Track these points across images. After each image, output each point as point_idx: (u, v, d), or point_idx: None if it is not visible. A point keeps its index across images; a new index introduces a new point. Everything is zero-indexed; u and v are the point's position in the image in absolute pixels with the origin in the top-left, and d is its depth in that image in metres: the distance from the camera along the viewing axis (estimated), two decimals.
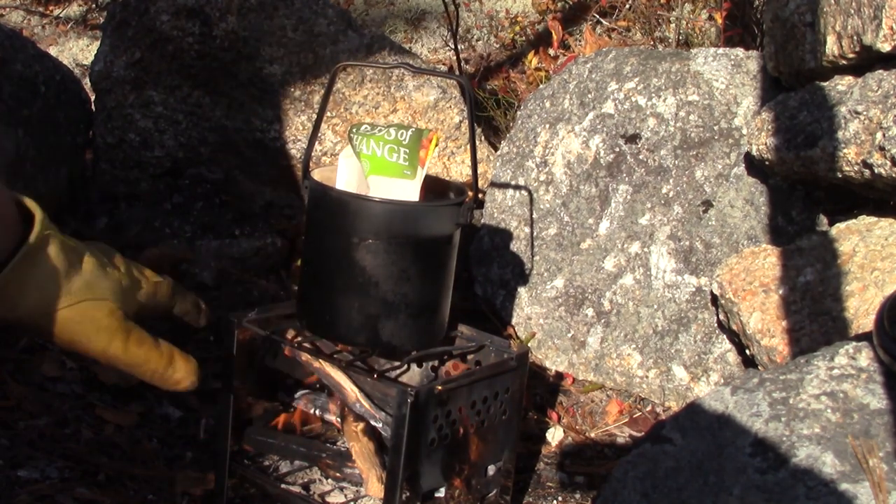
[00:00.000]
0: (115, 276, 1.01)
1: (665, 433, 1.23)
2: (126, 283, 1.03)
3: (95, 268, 0.98)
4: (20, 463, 1.42)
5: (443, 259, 1.33)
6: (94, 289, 0.97)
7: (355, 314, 1.30)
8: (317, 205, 1.33)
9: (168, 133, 2.21)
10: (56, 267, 0.92)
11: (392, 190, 1.33)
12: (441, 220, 1.31)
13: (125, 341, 1.01)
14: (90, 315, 0.97)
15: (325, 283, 1.32)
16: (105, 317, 0.98)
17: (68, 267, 0.94)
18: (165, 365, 1.05)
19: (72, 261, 0.95)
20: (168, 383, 1.07)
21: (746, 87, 2.00)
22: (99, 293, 0.97)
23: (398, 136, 1.32)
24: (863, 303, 1.54)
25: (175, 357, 1.07)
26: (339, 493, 1.43)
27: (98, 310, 0.97)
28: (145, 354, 1.03)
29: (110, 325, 0.99)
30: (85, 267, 0.97)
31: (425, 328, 1.35)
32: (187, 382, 1.08)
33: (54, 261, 0.92)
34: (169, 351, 1.06)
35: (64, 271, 0.93)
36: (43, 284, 0.92)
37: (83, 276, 0.96)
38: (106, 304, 0.98)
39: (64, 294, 0.94)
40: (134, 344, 1.02)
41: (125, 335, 1.01)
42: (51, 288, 0.93)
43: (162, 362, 1.05)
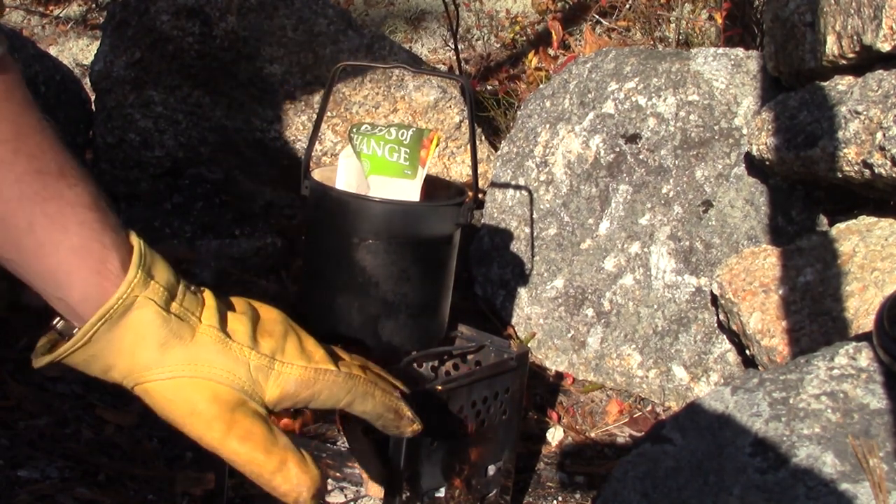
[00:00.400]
0: (243, 354, 0.84)
1: (665, 433, 1.23)
2: (258, 363, 0.85)
3: (211, 342, 0.83)
4: (20, 463, 1.42)
5: (443, 259, 1.33)
6: (198, 365, 0.82)
7: (355, 314, 1.30)
8: (317, 205, 1.33)
9: (168, 133, 2.21)
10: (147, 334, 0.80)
11: (392, 190, 1.33)
12: (441, 221, 1.31)
13: (224, 433, 0.83)
14: (185, 395, 0.82)
15: (325, 283, 1.32)
16: (203, 400, 0.83)
17: (168, 335, 0.81)
18: (273, 471, 0.85)
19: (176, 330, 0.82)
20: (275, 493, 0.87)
21: (746, 87, 2.00)
22: (204, 371, 0.82)
23: (399, 136, 1.32)
24: (863, 303, 1.54)
25: (288, 463, 0.85)
26: (339, 494, 1.43)
27: (197, 391, 0.82)
28: (248, 454, 0.84)
29: (207, 412, 0.83)
30: (197, 338, 0.83)
31: (425, 328, 1.35)
32: (297, 497, 0.86)
33: (145, 328, 0.80)
34: (282, 456, 0.85)
35: (159, 340, 0.81)
36: (132, 350, 0.81)
37: (189, 348, 0.82)
38: (209, 386, 0.83)
39: (155, 365, 0.81)
40: (236, 439, 0.83)
41: (226, 426, 0.83)
42: (140, 356, 0.81)
43: (269, 467, 0.84)
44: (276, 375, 0.86)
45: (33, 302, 1.86)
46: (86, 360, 0.81)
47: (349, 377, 0.90)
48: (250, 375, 0.85)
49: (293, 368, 0.87)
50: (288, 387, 0.87)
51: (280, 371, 0.86)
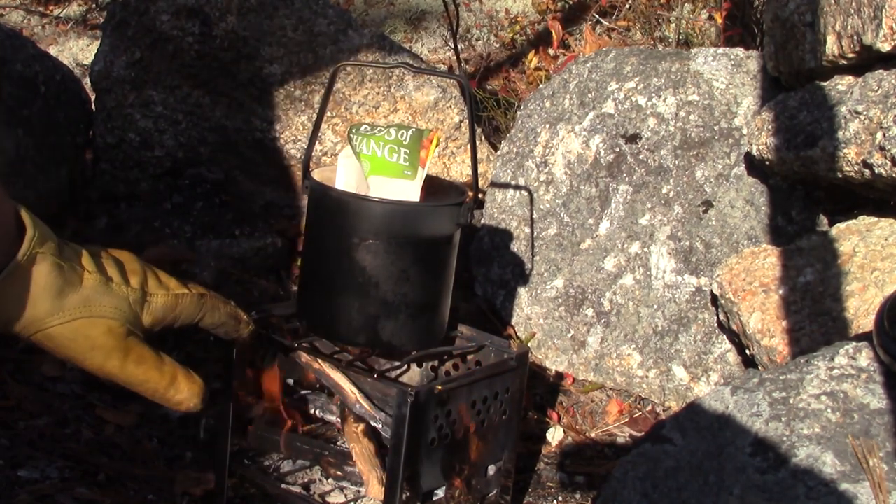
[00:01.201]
0: (122, 292, 1.00)
1: (665, 433, 1.23)
2: (135, 297, 1.01)
3: (97, 284, 0.97)
4: (20, 463, 1.42)
5: (443, 259, 1.33)
6: (91, 306, 0.96)
7: (355, 314, 1.30)
8: (317, 205, 1.33)
9: (168, 133, 2.21)
10: (47, 285, 0.93)
11: (392, 190, 1.33)
12: (441, 221, 1.31)
13: (122, 360, 0.99)
14: (84, 333, 0.96)
15: (325, 283, 1.32)
16: (101, 335, 0.97)
17: (63, 284, 0.94)
18: (167, 385, 1.03)
19: (68, 279, 0.95)
20: (170, 404, 1.05)
21: (746, 87, 2.00)
22: (97, 311, 0.97)
23: (398, 137, 1.32)
24: (863, 303, 1.54)
25: (178, 377, 1.04)
26: (339, 493, 1.43)
27: (93, 328, 0.97)
28: (144, 374, 1.01)
29: (105, 344, 0.98)
30: (85, 284, 0.96)
31: (425, 328, 1.35)
32: (189, 404, 1.06)
33: (45, 279, 0.93)
34: (172, 371, 1.04)
35: (56, 289, 0.94)
36: (33, 302, 0.93)
37: (81, 293, 0.96)
38: (103, 322, 0.97)
39: (56, 311, 0.94)
40: (132, 363, 1.00)
41: (122, 354, 0.99)
42: (41, 305, 0.93)
43: (163, 382, 1.02)
44: (147, 305, 1.02)
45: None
46: None
47: (200, 297, 1.10)
48: (131, 308, 1.00)
49: (159, 297, 1.04)
50: (157, 313, 1.04)
51: (150, 301, 1.03)
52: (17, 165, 2.00)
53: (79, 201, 2.20)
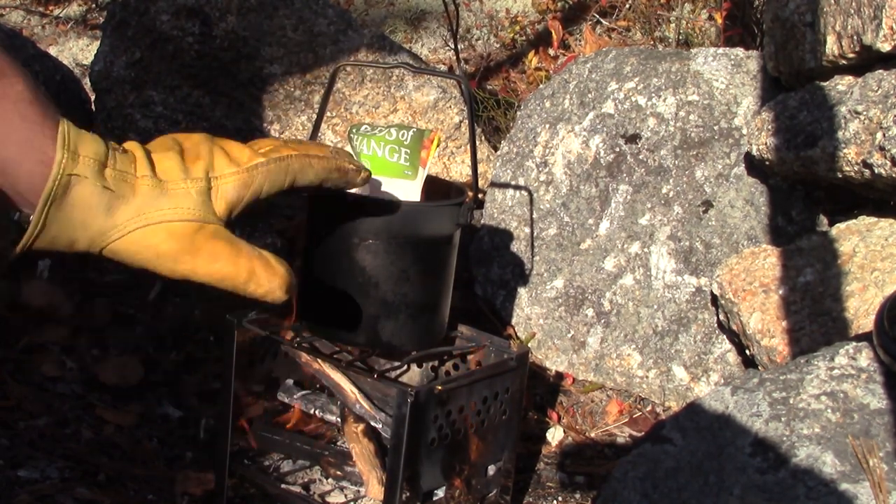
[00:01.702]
0: (180, 188, 0.93)
1: (665, 433, 1.23)
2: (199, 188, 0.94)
3: (149, 189, 0.92)
4: (20, 463, 1.42)
5: (443, 259, 1.33)
6: (146, 213, 0.91)
7: (355, 314, 1.30)
8: (316, 205, 1.33)
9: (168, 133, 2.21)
10: (90, 205, 0.89)
11: (393, 190, 1.33)
12: (441, 221, 1.31)
13: (192, 261, 0.93)
14: (145, 243, 0.91)
15: (325, 283, 1.32)
16: (163, 241, 0.92)
17: (111, 199, 0.90)
18: (245, 280, 0.96)
19: (118, 192, 0.90)
20: (254, 297, 0.98)
21: (746, 87, 2.00)
22: (153, 217, 0.91)
23: (399, 137, 1.32)
24: (863, 303, 1.54)
25: (256, 270, 0.96)
26: (339, 493, 1.43)
27: (153, 236, 0.91)
28: (219, 272, 0.94)
29: (170, 249, 0.92)
30: (138, 191, 0.91)
31: (425, 328, 1.35)
32: (273, 296, 0.98)
33: (86, 200, 0.89)
34: (249, 264, 0.96)
35: (104, 206, 0.89)
36: (84, 223, 0.89)
37: (133, 203, 0.91)
38: (162, 228, 0.91)
39: (110, 228, 0.90)
40: (204, 262, 0.94)
41: (191, 255, 0.93)
42: (93, 225, 0.89)
43: (241, 278, 0.95)
44: (215, 191, 0.95)
45: (33, 302, 1.86)
46: (50, 241, 0.89)
47: (280, 160, 0.99)
48: (195, 201, 0.93)
49: (228, 178, 0.96)
50: (230, 195, 0.96)
51: (218, 186, 0.96)
52: None
53: None
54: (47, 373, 1.68)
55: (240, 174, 0.97)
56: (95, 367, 1.74)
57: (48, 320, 1.83)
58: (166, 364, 1.80)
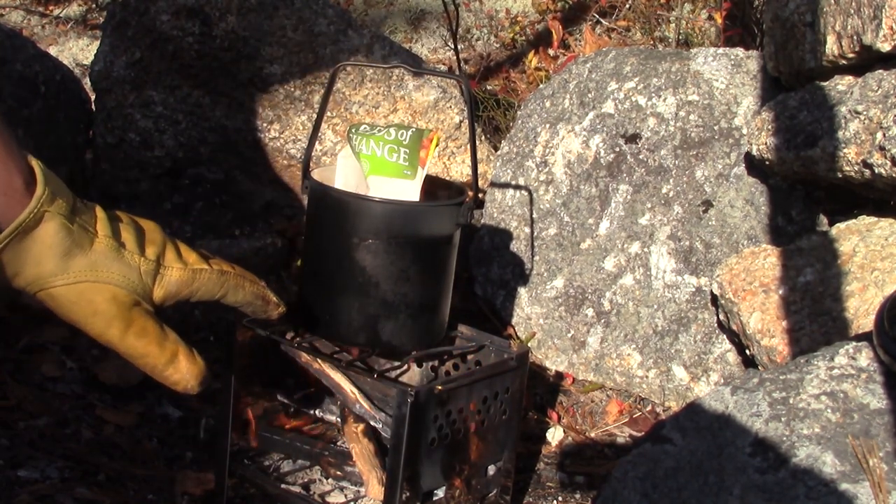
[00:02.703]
0: (134, 261, 0.98)
1: (665, 433, 1.23)
2: (147, 268, 0.99)
3: (107, 249, 0.96)
4: (20, 463, 1.42)
5: (443, 259, 1.33)
6: (98, 270, 0.95)
7: (355, 314, 1.30)
8: (317, 205, 1.33)
9: (168, 133, 2.21)
10: (53, 244, 0.92)
11: (392, 190, 1.33)
12: (441, 221, 1.31)
13: (123, 330, 0.96)
14: (87, 297, 0.95)
15: (325, 283, 1.32)
16: (104, 301, 0.95)
17: (71, 245, 0.93)
18: (165, 363, 0.99)
19: (78, 240, 0.94)
20: (167, 382, 1.01)
21: (746, 87, 2.00)
22: (103, 276, 0.95)
23: (398, 137, 1.32)
24: (863, 303, 1.54)
25: (179, 356, 1.00)
26: (339, 493, 1.43)
27: (97, 293, 0.95)
28: (144, 348, 0.98)
29: (108, 311, 0.95)
30: (95, 247, 0.95)
31: (425, 328, 1.35)
32: (186, 385, 1.01)
33: (51, 238, 0.92)
34: (173, 348, 1.00)
35: (63, 249, 0.92)
36: (38, 260, 0.92)
37: (89, 256, 0.94)
38: (108, 289, 0.95)
39: (61, 271, 0.93)
40: (133, 335, 0.97)
41: (124, 324, 0.96)
42: (46, 264, 0.92)
43: (161, 359, 0.99)
44: (160, 278, 1.00)
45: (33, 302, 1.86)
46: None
47: (221, 273, 1.06)
48: (141, 279, 0.98)
49: (174, 271, 1.02)
50: (171, 287, 1.01)
51: (164, 274, 1.01)
52: None
53: None
54: (47, 373, 1.68)
55: (185, 272, 1.02)
56: (95, 367, 1.73)
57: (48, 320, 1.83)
58: None
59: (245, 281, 1.10)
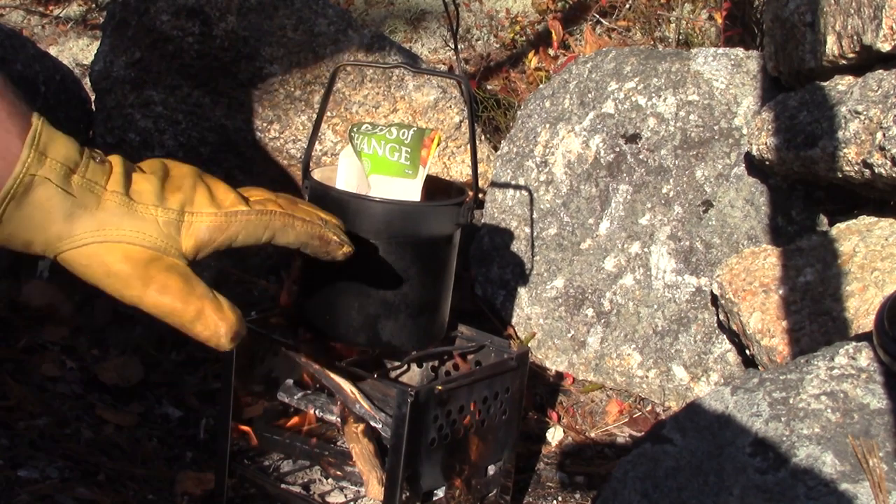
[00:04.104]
0: (149, 214, 0.90)
1: (665, 433, 1.23)
2: (167, 219, 0.91)
3: (116, 206, 0.89)
4: (20, 463, 1.42)
5: (443, 259, 1.33)
6: (106, 230, 0.88)
7: (355, 314, 1.30)
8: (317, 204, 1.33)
9: (168, 133, 2.21)
10: (50, 209, 0.86)
11: (393, 189, 1.33)
12: (441, 220, 1.31)
13: (142, 289, 0.90)
14: (99, 259, 0.89)
15: (325, 283, 1.32)
16: (116, 261, 0.89)
17: (71, 207, 0.87)
18: (192, 319, 0.92)
19: (80, 201, 0.87)
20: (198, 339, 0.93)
21: (746, 87, 2.00)
22: (113, 235, 0.89)
23: (400, 136, 1.32)
24: (863, 303, 1.54)
25: (206, 311, 0.92)
26: (339, 493, 1.43)
27: (109, 254, 0.89)
28: (167, 306, 0.91)
29: (122, 271, 0.89)
30: (103, 205, 0.89)
31: (425, 328, 1.35)
32: (217, 341, 0.93)
33: (48, 203, 0.86)
34: (199, 304, 0.91)
35: (63, 213, 0.87)
36: (43, 225, 0.87)
37: (95, 216, 0.88)
38: (119, 248, 0.89)
39: (66, 236, 0.88)
40: (154, 292, 0.90)
41: (141, 282, 0.90)
42: (51, 229, 0.87)
43: (188, 316, 0.91)
44: (186, 226, 0.92)
45: (33, 302, 1.86)
46: (6, 238, 0.87)
47: (262, 213, 0.97)
48: (161, 231, 0.90)
49: (203, 217, 0.93)
50: (202, 235, 0.93)
51: (191, 222, 0.92)
52: None
53: None
54: (47, 373, 1.68)
55: (217, 217, 0.94)
56: (95, 367, 1.74)
57: (48, 320, 1.83)
58: (166, 364, 1.80)
59: (294, 220, 1.00)
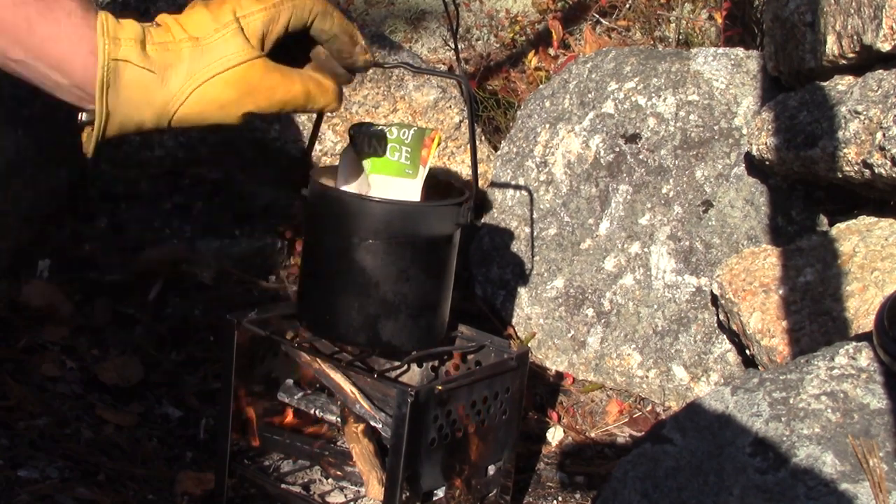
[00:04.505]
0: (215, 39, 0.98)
1: (665, 433, 1.23)
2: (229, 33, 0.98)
3: (191, 51, 0.97)
4: (20, 463, 1.42)
5: (443, 259, 1.33)
6: (196, 75, 0.96)
7: (355, 314, 1.30)
8: (316, 205, 1.33)
9: (168, 133, 2.21)
10: (143, 83, 0.94)
11: (393, 189, 1.33)
12: (441, 220, 1.31)
13: (254, 100, 0.99)
14: (206, 100, 0.97)
15: (324, 283, 1.32)
16: (220, 93, 0.97)
17: (160, 72, 0.95)
18: (304, 102, 1.03)
19: (163, 63, 0.95)
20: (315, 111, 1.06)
21: (746, 87, 2.00)
22: (203, 75, 0.97)
23: (400, 135, 1.32)
24: (863, 303, 1.54)
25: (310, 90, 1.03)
26: (339, 493, 1.43)
27: (211, 91, 0.97)
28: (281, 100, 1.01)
29: (230, 97, 0.98)
30: (181, 56, 0.96)
31: (425, 328, 1.35)
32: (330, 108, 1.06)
33: (138, 80, 0.94)
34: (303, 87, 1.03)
35: (157, 81, 0.95)
36: (146, 101, 0.95)
37: (181, 69, 0.96)
38: (216, 82, 0.97)
39: (169, 99, 0.95)
40: (264, 98, 1.00)
41: (251, 97, 0.99)
42: (154, 101, 0.95)
43: (299, 101, 1.03)
44: (246, 28, 0.99)
45: (33, 302, 1.86)
46: (119, 127, 0.95)
47: None
48: (235, 46, 0.97)
49: (255, 15, 1.00)
50: (259, 30, 1.00)
51: (247, 23, 0.99)
52: (16, 165, 1.99)
53: (79, 201, 2.20)
54: (47, 373, 1.68)
55: (266, 10, 1.00)
56: (95, 367, 1.73)
57: (48, 320, 1.83)
58: (166, 364, 1.80)
59: (334, 10, 1.07)
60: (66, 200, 2.18)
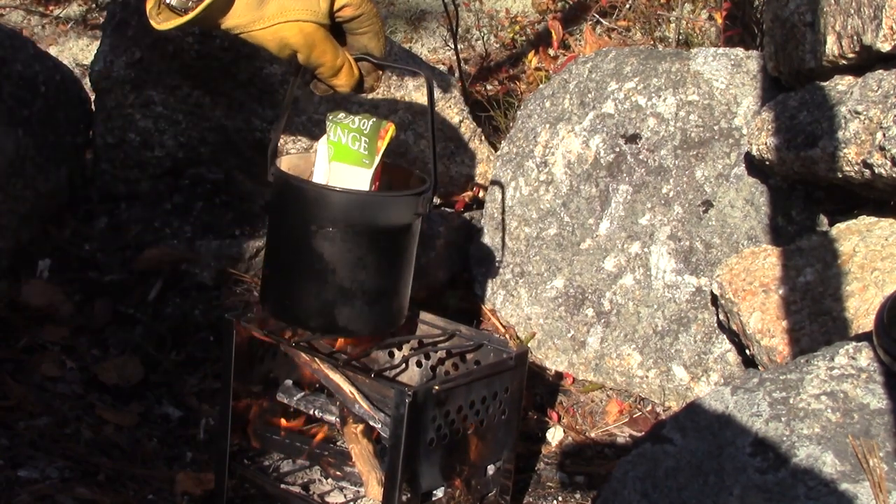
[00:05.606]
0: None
1: (665, 433, 1.23)
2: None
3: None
4: (20, 463, 1.43)
5: (400, 247, 1.34)
6: (286, 13, 1.19)
7: (313, 300, 1.32)
8: (279, 193, 1.35)
9: (168, 133, 2.21)
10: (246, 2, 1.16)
11: (348, 177, 1.35)
12: (399, 210, 1.32)
13: (308, 53, 1.23)
14: (279, 35, 1.20)
15: (284, 269, 1.34)
16: (293, 36, 1.20)
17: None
18: (332, 74, 1.27)
19: None
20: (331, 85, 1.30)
21: (746, 87, 2.00)
22: (291, 15, 1.19)
23: (360, 125, 1.34)
24: (863, 303, 1.54)
25: (343, 69, 1.27)
26: (338, 494, 1.43)
27: (288, 31, 1.20)
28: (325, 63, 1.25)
29: (296, 43, 1.21)
30: None
31: (381, 314, 1.36)
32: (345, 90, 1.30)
33: None
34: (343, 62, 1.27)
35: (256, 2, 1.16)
36: (238, 12, 1.16)
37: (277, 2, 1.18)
38: (295, 26, 1.20)
39: (258, 19, 1.18)
40: (316, 55, 1.24)
41: (308, 49, 1.22)
42: (245, 15, 1.17)
43: (331, 71, 1.26)
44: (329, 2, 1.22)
45: (33, 302, 1.86)
46: (203, 18, 1.15)
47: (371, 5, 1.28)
48: (319, 5, 1.21)
49: None
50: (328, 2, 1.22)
51: None
52: (16, 165, 1.99)
53: (79, 201, 2.20)
54: (47, 373, 1.68)
55: None
56: (95, 367, 1.74)
57: (48, 320, 1.83)
58: (166, 364, 1.80)
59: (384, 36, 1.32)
60: (66, 200, 2.18)
